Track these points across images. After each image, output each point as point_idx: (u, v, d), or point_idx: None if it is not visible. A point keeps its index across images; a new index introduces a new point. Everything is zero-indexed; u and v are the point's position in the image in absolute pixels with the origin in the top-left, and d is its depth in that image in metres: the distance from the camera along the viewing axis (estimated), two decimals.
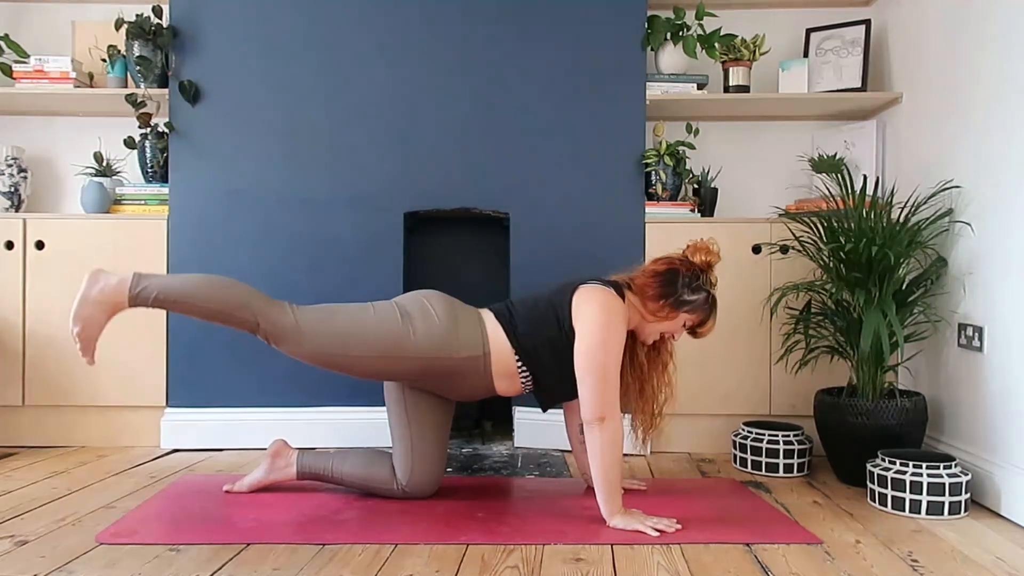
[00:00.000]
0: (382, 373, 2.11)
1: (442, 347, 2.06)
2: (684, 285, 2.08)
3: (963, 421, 2.37)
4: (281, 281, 2.82)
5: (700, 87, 2.95)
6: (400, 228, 2.86)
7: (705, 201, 2.98)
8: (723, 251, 2.72)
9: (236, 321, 2.01)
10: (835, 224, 2.47)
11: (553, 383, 2.14)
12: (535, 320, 2.10)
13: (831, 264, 2.49)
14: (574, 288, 2.10)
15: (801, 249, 2.59)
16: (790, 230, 2.69)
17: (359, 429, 2.79)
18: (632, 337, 2.16)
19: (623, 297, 2.10)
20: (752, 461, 2.55)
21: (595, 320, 2.01)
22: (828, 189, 2.67)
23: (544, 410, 2.24)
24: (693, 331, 2.16)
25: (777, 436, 2.52)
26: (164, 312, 2.78)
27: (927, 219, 2.42)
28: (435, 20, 2.86)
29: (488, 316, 2.15)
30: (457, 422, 2.74)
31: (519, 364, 2.11)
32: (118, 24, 2.90)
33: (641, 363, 2.18)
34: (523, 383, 2.15)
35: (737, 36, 2.96)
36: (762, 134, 3.19)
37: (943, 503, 2.08)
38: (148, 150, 2.91)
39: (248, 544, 1.82)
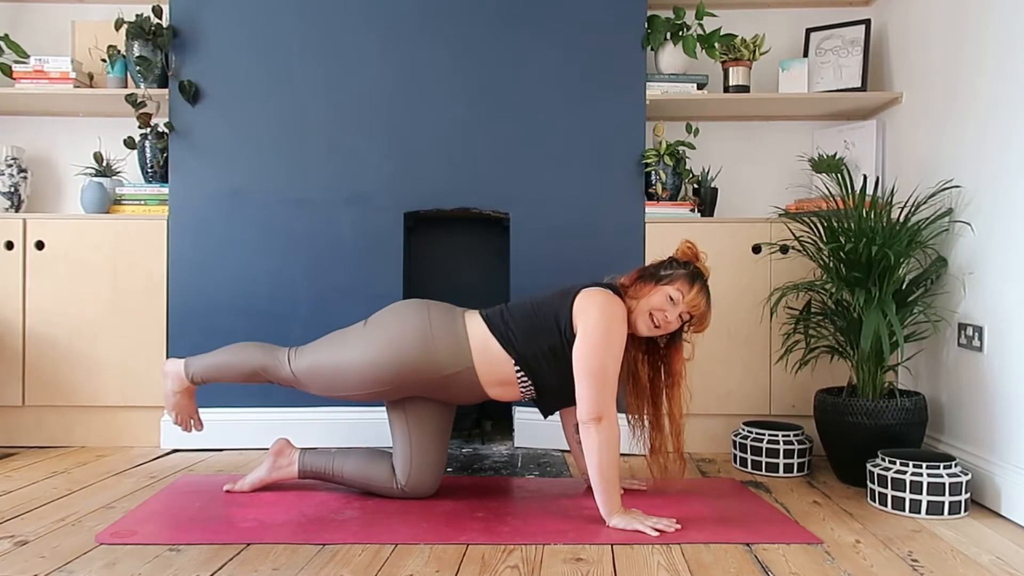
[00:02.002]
0: (380, 398, 2.17)
1: (421, 370, 2.08)
2: (662, 267, 2.14)
3: (963, 421, 2.37)
4: (281, 281, 2.82)
5: (700, 87, 2.95)
6: (400, 228, 2.85)
7: (705, 201, 2.98)
8: (723, 251, 2.75)
9: (261, 381, 2.24)
10: (835, 224, 2.46)
11: (555, 391, 2.14)
12: (535, 328, 2.09)
13: (831, 264, 2.49)
14: (575, 293, 2.09)
15: (801, 249, 2.59)
16: (790, 230, 2.69)
17: (359, 429, 2.80)
18: (635, 350, 2.17)
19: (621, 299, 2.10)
20: (752, 461, 2.55)
21: (597, 321, 2.01)
22: (828, 189, 2.67)
23: (545, 416, 2.24)
24: (690, 322, 2.12)
25: (777, 436, 2.52)
26: (164, 311, 2.81)
27: (927, 219, 2.42)
28: (435, 20, 2.86)
29: (476, 324, 2.13)
30: (457, 422, 2.73)
31: (519, 373, 2.10)
32: (118, 24, 2.90)
33: (649, 389, 2.24)
34: (523, 391, 2.15)
35: (737, 36, 2.96)
36: (762, 134, 3.19)
37: (943, 503, 2.08)
38: (148, 150, 2.91)
39: (248, 544, 1.82)
